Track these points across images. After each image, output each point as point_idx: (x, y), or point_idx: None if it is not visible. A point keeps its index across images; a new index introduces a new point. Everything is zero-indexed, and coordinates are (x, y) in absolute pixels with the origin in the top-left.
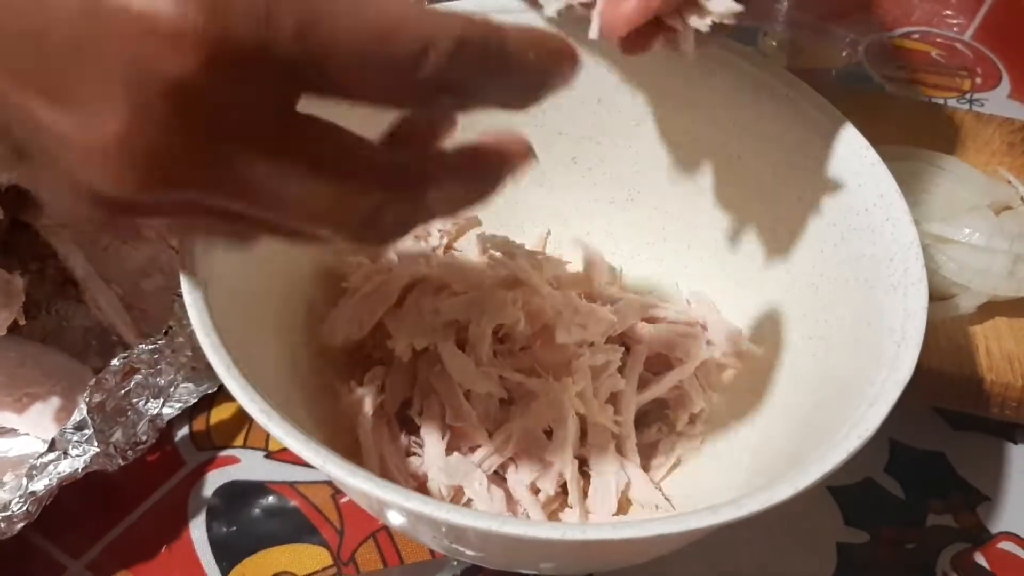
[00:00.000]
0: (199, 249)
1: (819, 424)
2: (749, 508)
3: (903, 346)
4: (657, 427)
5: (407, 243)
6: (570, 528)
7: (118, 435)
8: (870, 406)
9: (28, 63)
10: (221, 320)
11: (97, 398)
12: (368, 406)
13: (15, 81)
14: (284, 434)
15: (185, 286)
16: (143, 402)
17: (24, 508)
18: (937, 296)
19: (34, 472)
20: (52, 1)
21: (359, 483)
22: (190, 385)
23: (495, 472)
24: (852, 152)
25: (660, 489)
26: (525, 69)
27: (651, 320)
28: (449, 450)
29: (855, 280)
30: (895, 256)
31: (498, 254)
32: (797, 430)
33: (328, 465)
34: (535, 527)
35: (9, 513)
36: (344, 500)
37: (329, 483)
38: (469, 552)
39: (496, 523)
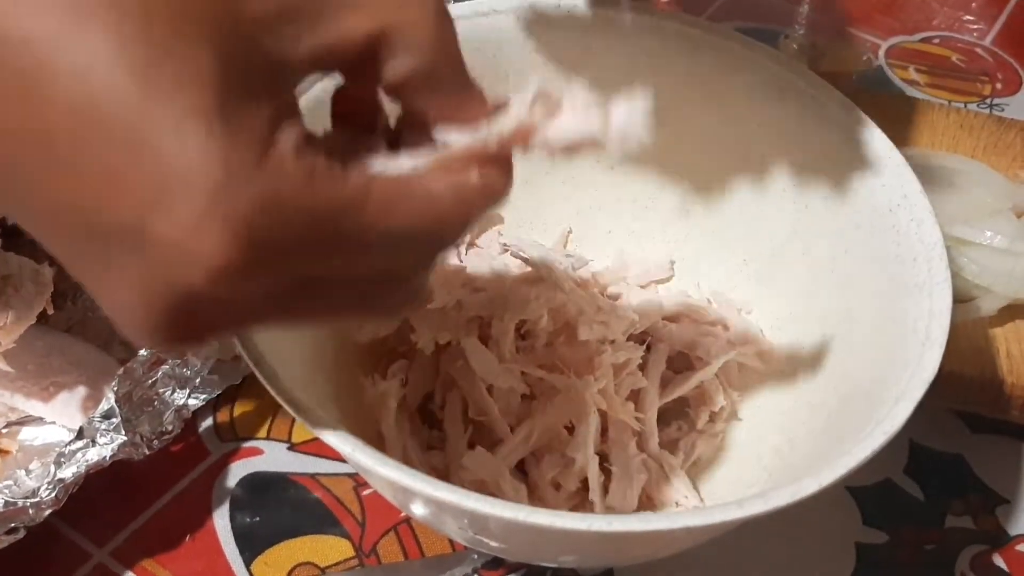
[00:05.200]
0: None
1: (842, 423)
2: (776, 502)
3: (927, 345)
4: (677, 425)
5: None
6: (597, 519)
7: (144, 425)
8: (895, 404)
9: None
10: None
11: (125, 388)
12: (392, 399)
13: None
14: (313, 424)
15: None
16: (169, 392)
17: (52, 495)
18: (958, 298)
19: (62, 459)
20: (106, 214)
21: (388, 472)
22: (215, 377)
23: (516, 467)
24: (877, 153)
25: (688, 485)
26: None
27: (672, 319)
28: (471, 444)
29: (879, 280)
30: (919, 256)
31: (521, 254)
32: (820, 429)
33: (357, 454)
34: (562, 518)
35: (38, 499)
36: (366, 492)
37: (351, 475)
38: (492, 543)
39: (523, 513)
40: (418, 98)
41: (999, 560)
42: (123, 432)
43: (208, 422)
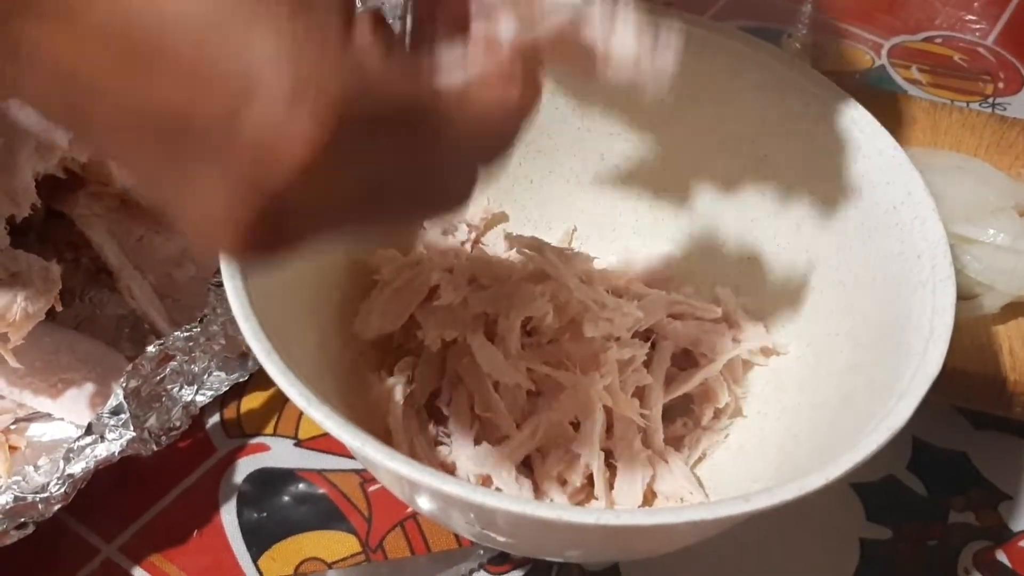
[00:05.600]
0: None
1: (846, 419)
2: (781, 496)
3: (931, 342)
4: (682, 421)
5: (436, 237)
6: (604, 513)
7: (152, 420)
8: (899, 400)
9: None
10: (258, 308)
11: (133, 384)
12: (398, 396)
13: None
14: (323, 417)
15: (226, 274)
16: (177, 389)
17: (61, 490)
18: (961, 296)
19: (71, 455)
20: (199, 111)
21: (396, 466)
22: (222, 373)
23: (522, 463)
24: (880, 151)
25: (693, 481)
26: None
27: (677, 316)
28: (477, 440)
29: (883, 277)
30: (923, 253)
31: (527, 251)
32: (823, 426)
33: (366, 448)
34: (569, 511)
35: (47, 495)
36: (373, 488)
37: (358, 471)
38: (498, 538)
39: (530, 507)
40: None
41: (1002, 556)
42: (131, 428)
43: (215, 418)
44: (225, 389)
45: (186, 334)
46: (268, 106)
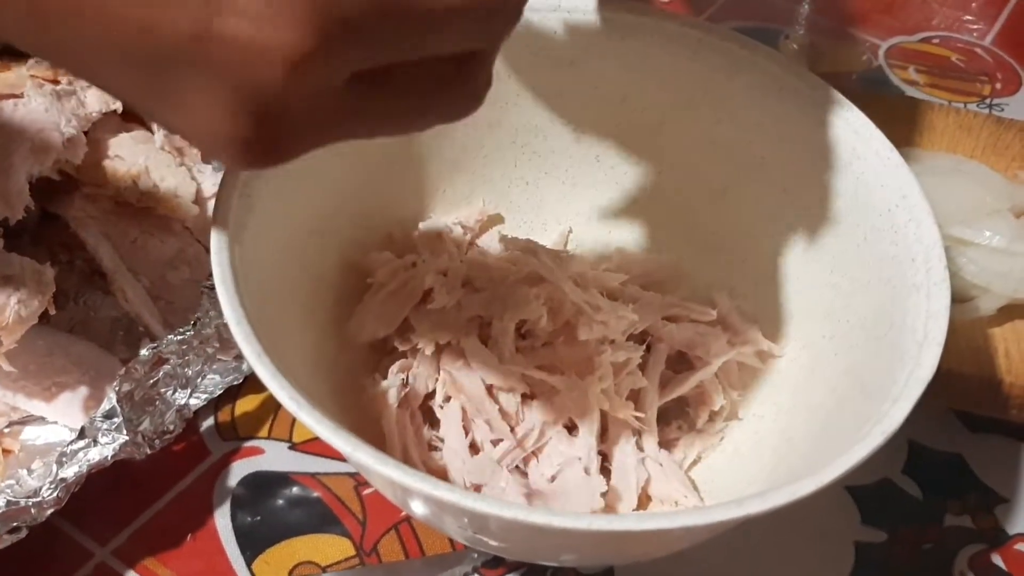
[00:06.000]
0: (229, 241)
1: (841, 422)
2: (774, 501)
3: (925, 346)
4: (677, 424)
5: (430, 240)
6: (596, 519)
7: (146, 424)
8: (893, 403)
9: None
10: (251, 311)
11: (126, 387)
12: (392, 399)
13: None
14: (314, 422)
15: (217, 276)
16: (171, 392)
17: (54, 494)
18: (957, 298)
19: (64, 459)
20: (165, 28)
21: (388, 471)
22: (216, 376)
23: (516, 466)
24: (875, 153)
25: (687, 484)
26: None
27: (672, 319)
28: (471, 444)
29: (878, 280)
30: (917, 256)
31: (521, 254)
32: (818, 428)
33: (358, 453)
34: (561, 517)
35: (40, 499)
36: (367, 492)
37: (352, 474)
38: (492, 543)
39: (522, 512)
40: None
41: (998, 559)
42: (125, 432)
43: (209, 421)
44: (219, 392)
45: (179, 337)
46: (245, 13)
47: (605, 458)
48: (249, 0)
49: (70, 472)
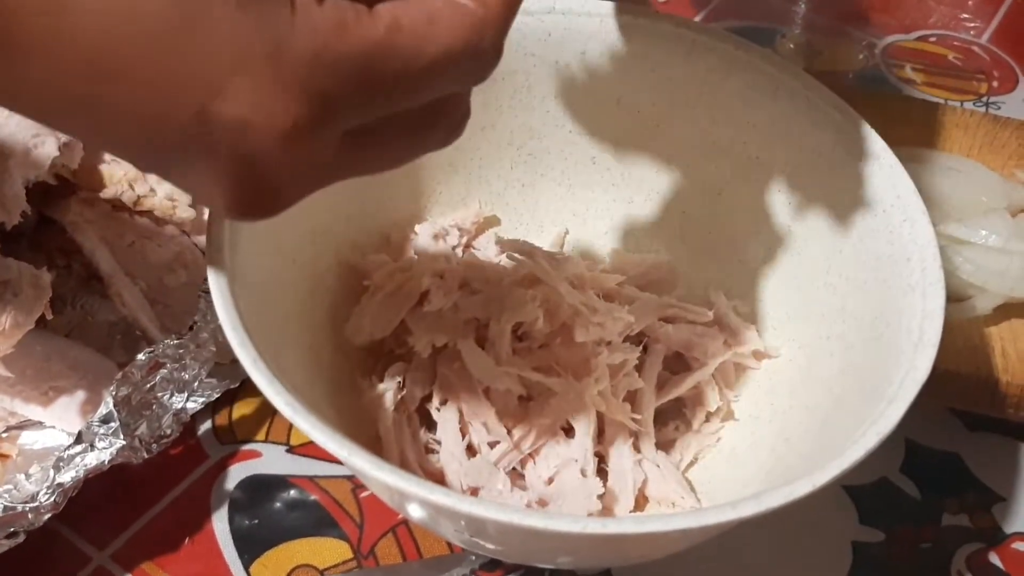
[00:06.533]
0: (225, 244)
1: (837, 423)
2: (769, 503)
3: (921, 346)
4: (674, 425)
5: (427, 242)
6: (591, 522)
7: (143, 428)
8: (889, 404)
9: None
10: (247, 315)
11: (123, 392)
12: (389, 402)
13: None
14: (310, 427)
15: (212, 281)
16: (168, 396)
17: (51, 499)
18: (953, 297)
19: (61, 464)
20: (170, 114)
21: (383, 475)
22: (213, 380)
23: (513, 468)
24: (870, 153)
25: (684, 486)
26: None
27: (669, 320)
28: (468, 447)
29: (873, 280)
30: (912, 256)
31: (517, 255)
32: (815, 429)
33: (353, 458)
34: (557, 520)
35: (37, 504)
36: (364, 495)
37: (349, 477)
38: (488, 546)
39: (518, 516)
40: None
41: (995, 558)
42: (122, 436)
43: (207, 425)
44: (216, 396)
45: (176, 341)
46: (238, 97)
47: (602, 460)
48: (243, 84)
49: (68, 477)
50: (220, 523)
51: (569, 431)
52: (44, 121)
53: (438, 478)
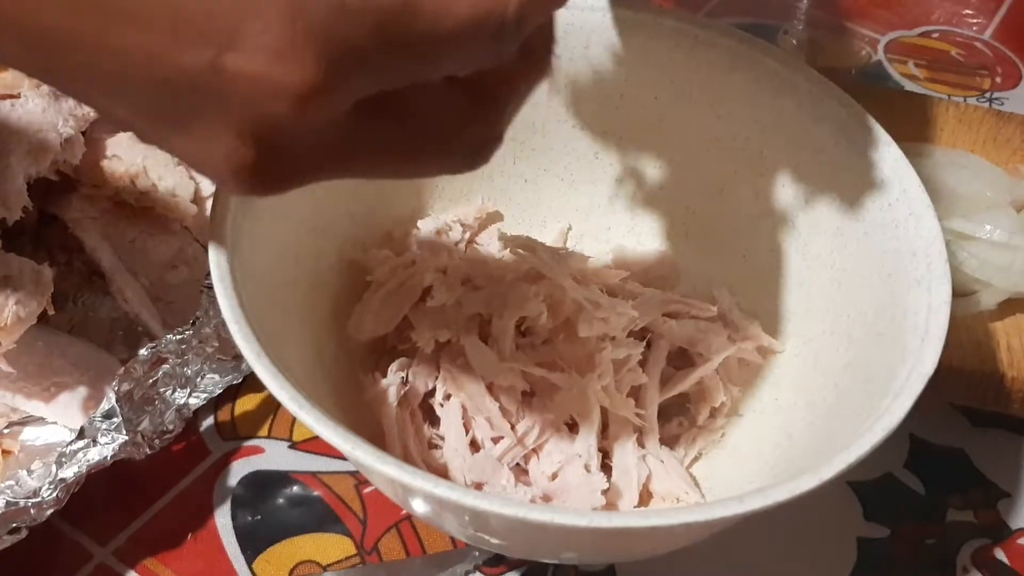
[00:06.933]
0: (227, 240)
1: (842, 418)
2: (775, 497)
3: (926, 340)
4: (678, 421)
5: (429, 237)
6: (597, 516)
7: (145, 424)
8: (894, 399)
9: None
10: (250, 311)
11: (125, 387)
12: (392, 397)
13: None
14: (314, 421)
15: (215, 276)
16: (170, 392)
17: (54, 495)
18: (958, 292)
19: (64, 460)
20: (177, 59)
21: (387, 469)
22: (215, 376)
23: (517, 464)
24: (875, 147)
25: (688, 481)
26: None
27: (672, 315)
28: (472, 442)
29: (878, 275)
30: (918, 251)
31: (521, 251)
32: (820, 424)
33: (357, 451)
34: (561, 514)
35: (39, 499)
36: (367, 490)
37: (352, 473)
38: (493, 540)
39: (523, 510)
40: None
41: (1000, 554)
42: (124, 432)
43: (209, 421)
44: (219, 392)
45: (178, 337)
46: (256, 49)
47: (606, 455)
48: (260, 36)
49: (70, 472)
50: (223, 519)
51: (573, 427)
52: (49, 67)
53: (442, 474)
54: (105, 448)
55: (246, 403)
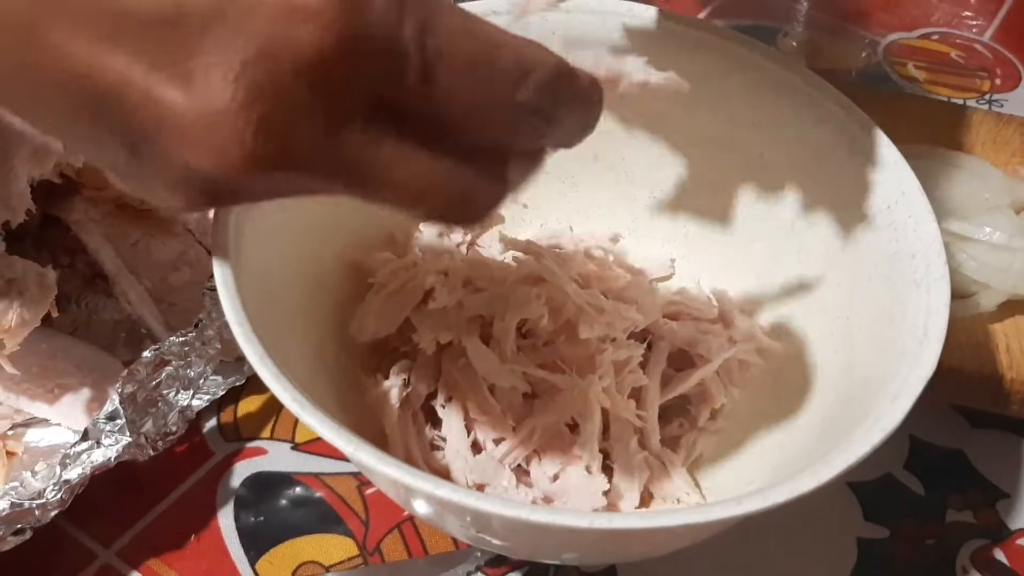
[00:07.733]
0: (230, 242)
1: (841, 419)
2: (774, 499)
3: (925, 342)
4: (678, 422)
5: (431, 240)
6: (597, 517)
7: (149, 426)
8: (893, 400)
9: (151, 40)
10: (253, 312)
11: (129, 389)
12: (394, 399)
13: (132, 57)
14: (317, 422)
15: (218, 278)
16: (173, 393)
17: (58, 496)
18: (957, 294)
19: (68, 461)
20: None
21: (390, 470)
22: (218, 377)
23: (518, 465)
24: (874, 150)
25: (689, 482)
26: (589, 107)
27: (673, 317)
28: (473, 444)
29: (877, 277)
30: (917, 253)
31: (522, 253)
32: (819, 425)
33: (360, 453)
34: (563, 515)
35: (44, 501)
36: (370, 491)
37: (354, 474)
38: (494, 541)
39: (524, 511)
40: None
41: (1000, 554)
42: (127, 433)
43: (212, 422)
44: (222, 393)
45: (181, 339)
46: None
47: (607, 456)
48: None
49: (74, 474)
50: (226, 520)
51: (574, 428)
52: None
53: (443, 475)
54: (109, 450)
55: (249, 405)
